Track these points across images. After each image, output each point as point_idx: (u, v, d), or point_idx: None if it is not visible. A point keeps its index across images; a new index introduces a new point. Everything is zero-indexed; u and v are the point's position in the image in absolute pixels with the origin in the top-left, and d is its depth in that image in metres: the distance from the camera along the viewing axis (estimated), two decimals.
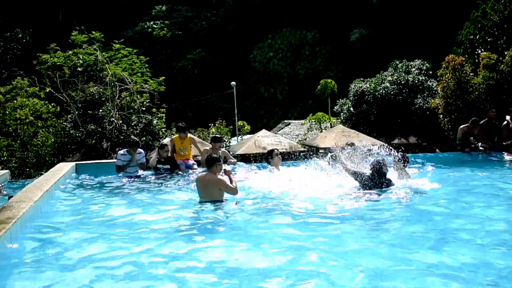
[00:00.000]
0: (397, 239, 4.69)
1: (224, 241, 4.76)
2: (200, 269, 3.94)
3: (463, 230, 4.95)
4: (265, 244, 4.53)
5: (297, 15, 33.08)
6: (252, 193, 7.20)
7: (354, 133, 15.28)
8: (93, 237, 4.98)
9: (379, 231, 4.97)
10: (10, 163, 14.35)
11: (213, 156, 6.56)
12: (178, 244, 4.61)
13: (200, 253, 4.34)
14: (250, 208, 6.23)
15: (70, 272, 3.90)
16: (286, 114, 31.53)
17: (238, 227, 5.31)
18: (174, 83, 30.28)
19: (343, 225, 5.27)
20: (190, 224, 5.53)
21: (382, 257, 4.08)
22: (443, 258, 4.01)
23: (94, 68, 15.45)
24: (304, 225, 5.30)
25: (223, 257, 4.24)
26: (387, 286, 3.50)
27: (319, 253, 4.21)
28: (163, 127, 15.53)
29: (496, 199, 6.50)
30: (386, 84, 16.92)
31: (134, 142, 9.55)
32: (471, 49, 14.85)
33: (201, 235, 5.00)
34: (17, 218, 4.53)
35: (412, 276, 3.66)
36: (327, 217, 5.69)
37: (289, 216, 5.64)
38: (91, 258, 4.25)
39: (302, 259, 4.07)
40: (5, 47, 32.46)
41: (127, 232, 5.17)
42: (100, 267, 4.01)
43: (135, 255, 4.29)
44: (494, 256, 4.07)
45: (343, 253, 4.22)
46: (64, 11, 36.76)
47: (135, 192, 7.70)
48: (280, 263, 3.99)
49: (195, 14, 37.09)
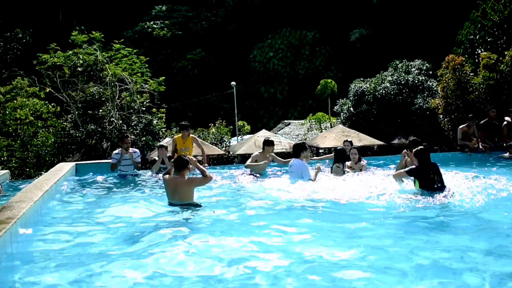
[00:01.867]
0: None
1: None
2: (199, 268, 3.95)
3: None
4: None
5: (297, 15, 33.06)
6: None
7: (354, 133, 15.29)
8: (93, 237, 4.98)
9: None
10: (10, 163, 14.36)
11: (184, 159, 6.41)
12: (178, 243, 4.61)
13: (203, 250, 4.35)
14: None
15: (70, 272, 3.90)
16: (286, 114, 31.52)
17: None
18: (174, 83, 30.26)
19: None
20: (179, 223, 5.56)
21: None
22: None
23: (94, 68, 15.45)
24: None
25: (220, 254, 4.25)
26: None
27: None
28: (163, 127, 15.55)
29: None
30: (386, 84, 16.92)
31: (122, 135, 9.50)
32: (471, 49, 14.85)
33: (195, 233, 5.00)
34: (17, 218, 4.53)
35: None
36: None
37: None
38: (91, 258, 4.25)
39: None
40: (5, 47, 32.45)
41: (127, 232, 5.18)
42: (100, 267, 4.01)
43: (135, 255, 4.29)
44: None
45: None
46: (64, 11, 36.76)
47: (136, 192, 7.70)
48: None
49: (195, 14, 37.07)
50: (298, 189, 7.12)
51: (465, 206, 5.92)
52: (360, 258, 4.11)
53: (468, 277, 3.63)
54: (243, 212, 6.07)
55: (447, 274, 3.69)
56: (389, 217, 5.61)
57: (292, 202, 6.55)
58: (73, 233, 5.17)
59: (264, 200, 6.69)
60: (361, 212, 5.88)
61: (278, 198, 6.83)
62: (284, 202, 6.56)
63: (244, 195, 7.26)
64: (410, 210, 5.88)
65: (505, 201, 6.20)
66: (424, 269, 3.80)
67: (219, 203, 6.71)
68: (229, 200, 6.94)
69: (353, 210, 6.02)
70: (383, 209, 5.95)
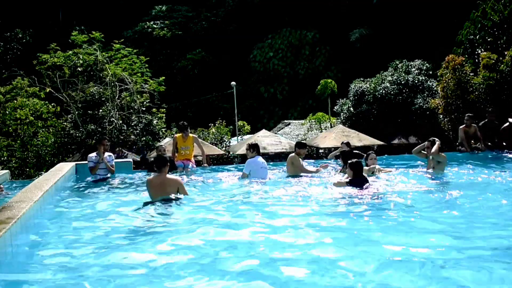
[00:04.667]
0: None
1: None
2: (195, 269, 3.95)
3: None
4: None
5: (297, 15, 33.09)
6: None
7: (354, 133, 15.30)
8: (92, 237, 4.99)
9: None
10: (10, 163, 14.37)
11: (164, 157, 6.40)
12: (175, 242, 4.62)
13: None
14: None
15: (70, 271, 3.91)
16: (286, 114, 31.54)
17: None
18: (174, 83, 30.29)
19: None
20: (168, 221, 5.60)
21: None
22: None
23: (94, 68, 15.46)
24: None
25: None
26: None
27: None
28: (163, 127, 15.55)
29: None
30: (386, 84, 16.93)
31: (99, 139, 9.35)
32: (471, 49, 14.86)
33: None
34: (17, 218, 4.53)
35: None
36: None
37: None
38: (90, 257, 4.26)
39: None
40: (5, 47, 32.48)
41: (127, 232, 5.19)
42: (99, 267, 4.01)
43: (133, 255, 4.30)
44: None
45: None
46: (64, 11, 36.79)
47: (136, 191, 7.70)
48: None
49: (195, 14, 37.11)
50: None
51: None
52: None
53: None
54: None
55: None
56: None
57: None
58: (73, 233, 5.17)
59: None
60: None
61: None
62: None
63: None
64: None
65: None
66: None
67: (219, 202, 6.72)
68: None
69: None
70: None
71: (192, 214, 5.84)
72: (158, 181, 6.26)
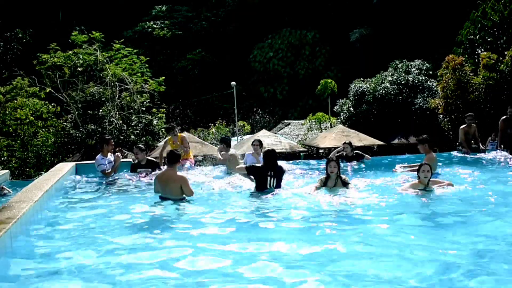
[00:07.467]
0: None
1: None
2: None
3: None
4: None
5: (297, 15, 33.07)
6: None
7: (354, 133, 15.30)
8: (92, 237, 4.98)
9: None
10: (10, 163, 14.36)
11: (176, 153, 6.55)
12: (177, 241, 4.62)
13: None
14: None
15: (70, 271, 3.91)
16: (286, 114, 31.52)
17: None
18: (174, 83, 30.26)
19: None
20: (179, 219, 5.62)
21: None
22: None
23: (94, 68, 15.46)
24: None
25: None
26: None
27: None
28: (163, 127, 15.55)
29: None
30: (386, 84, 16.93)
31: (106, 138, 9.03)
32: (471, 49, 14.87)
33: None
34: (17, 218, 4.53)
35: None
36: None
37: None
38: (91, 257, 4.26)
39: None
40: (5, 47, 32.44)
41: (127, 232, 5.19)
42: (99, 267, 4.01)
43: (133, 255, 4.30)
44: None
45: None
46: (64, 11, 36.76)
47: (135, 192, 7.70)
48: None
49: (195, 14, 37.08)
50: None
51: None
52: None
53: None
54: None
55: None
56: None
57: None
58: (72, 233, 5.17)
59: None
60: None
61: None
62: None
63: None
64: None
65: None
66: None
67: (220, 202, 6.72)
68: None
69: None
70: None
71: (192, 214, 5.85)
72: (165, 176, 6.45)
